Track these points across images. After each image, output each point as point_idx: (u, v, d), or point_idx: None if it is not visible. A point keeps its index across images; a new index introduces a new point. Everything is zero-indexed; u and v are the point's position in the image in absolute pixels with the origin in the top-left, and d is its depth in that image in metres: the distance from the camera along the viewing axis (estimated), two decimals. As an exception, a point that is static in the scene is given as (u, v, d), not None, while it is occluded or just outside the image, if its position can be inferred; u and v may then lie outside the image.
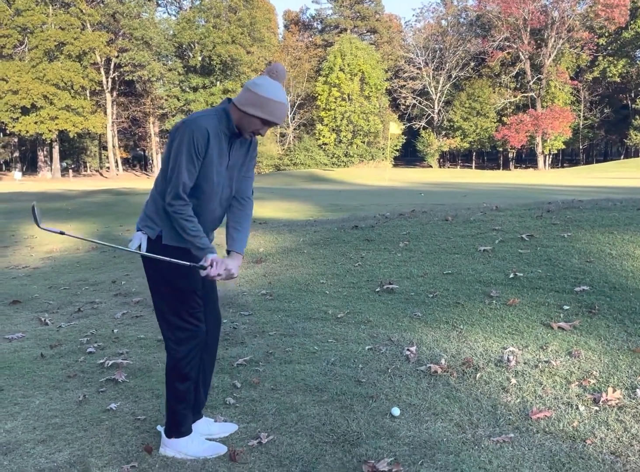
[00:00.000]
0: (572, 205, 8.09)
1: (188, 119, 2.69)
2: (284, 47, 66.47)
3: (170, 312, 2.86)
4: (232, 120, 2.75)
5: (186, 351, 2.87)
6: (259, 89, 2.69)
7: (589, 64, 60.71)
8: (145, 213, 2.84)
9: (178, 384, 2.90)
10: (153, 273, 2.84)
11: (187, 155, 2.65)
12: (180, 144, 2.65)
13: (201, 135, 2.65)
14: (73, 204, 17.34)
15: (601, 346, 4.01)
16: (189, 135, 2.64)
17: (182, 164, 2.65)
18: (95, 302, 6.14)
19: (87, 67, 53.94)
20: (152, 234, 2.78)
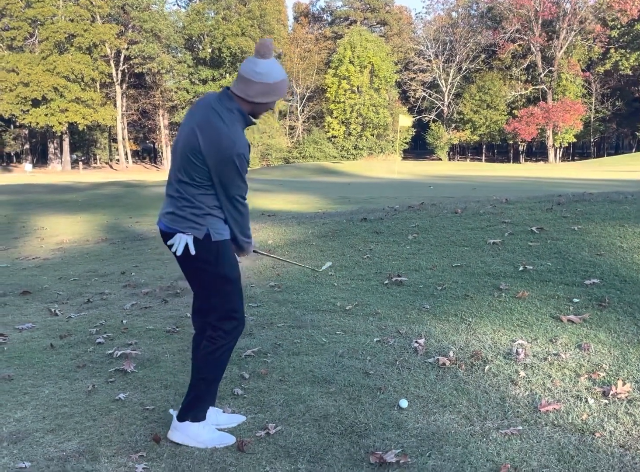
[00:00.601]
0: (583, 198, 8.03)
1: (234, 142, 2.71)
2: (293, 39, 66.25)
3: (229, 301, 2.94)
4: (249, 118, 2.84)
5: (231, 338, 2.97)
6: (265, 78, 2.72)
7: (601, 56, 60.15)
8: (179, 215, 2.84)
9: (216, 369, 2.98)
10: (208, 269, 2.89)
11: (244, 172, 2.80)
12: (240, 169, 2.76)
13: (248, 153, 2.80)
14: (83, 196, 17.41)
15: (611, 339, 3.99)
16: (245, 160, 2.76)
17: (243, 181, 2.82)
18: (104, 293, 6.17)
19: (97, 59, 54.05)
20: (199, 234, 2.83)
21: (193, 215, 2.82)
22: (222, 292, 2.93)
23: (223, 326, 2.94)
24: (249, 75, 2.73)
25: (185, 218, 2.84)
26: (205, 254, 2.86)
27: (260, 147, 57.47)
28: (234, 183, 2.79)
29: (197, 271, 2.92)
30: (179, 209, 2.85)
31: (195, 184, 2.79)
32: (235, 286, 2.96)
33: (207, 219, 2.84)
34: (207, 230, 2.83)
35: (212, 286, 2.93)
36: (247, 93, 2.75)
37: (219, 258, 2.88)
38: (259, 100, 2.77)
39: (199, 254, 2.85)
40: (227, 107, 2.78)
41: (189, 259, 2.88)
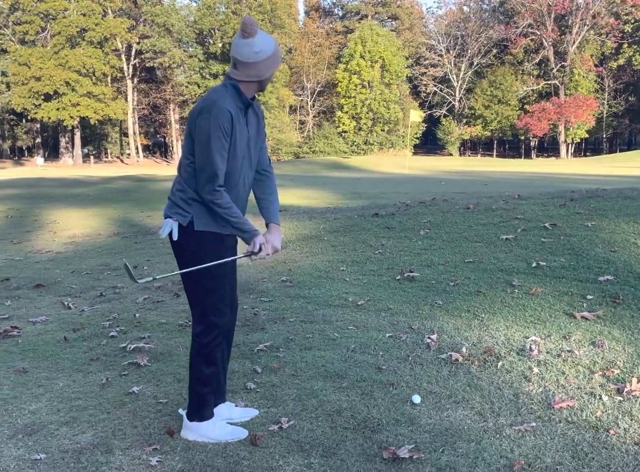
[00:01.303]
0: (596, 194, 7.98)
1: (208, 103, 2.69)
2: (304, 34, 66.07)
3: (203, 297, 2.88)
4: (244, 94, 2.79)
5: (215, 335, 2.90)
6: (265, 52, 2.74)
7: (614, 51, 59.60)
8: (172, 200, 2.86)
9: (205, 368, 2.93)
10: (189, 258, 2.85)
11: (216, 140, 2.67)
12: (208, 130, 2.66)
13: (225, 118, 2.68)
14: (94, 190, 17.48)
15: (625, 336, 3.97)
16: (214, 120, 2.66)
17: (214, 151, 2.68)
18: (117, 287, 6.20)
19: (109, 53, 54.17)
20: (183, 221, 2.80)
21: (181, 201, 2.81)
22: (202, 286, 2.86)
23: (202, 323, 2.89)
24: (253, 59, 2.72)
25: (175, 204, 2.83)
26: (188, 242, 2.82)
27: (271, 142, 57.41)
28: (203, 140, 2.67)
29: (181, 260, 2.88)
30: (172, 193, 2.86)
31: (186, 165, 2.79)
32: (217, 282, 2.87)
33: (193, 205, 2.79)
34: (191, 218, 2.79)
35: (192, 278, 2.87)
36: (255, 74, 2.76)
37: (201, 249, 2.82)
38: (268, 74, 2.79)
39: (181, 241, 2.82)
40: (222, 85, 2.79)
41: (175, 247, 2.87)
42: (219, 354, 2.97)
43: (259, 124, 2.98)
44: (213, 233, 2.83)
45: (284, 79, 58.93)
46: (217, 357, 2.95)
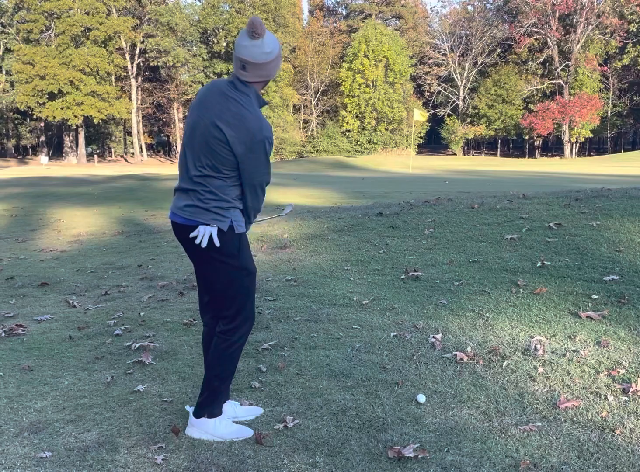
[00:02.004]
0: (601, 194, 7.96)
1: (261, 127, 2.74)
2: (308, 33, 66.08)
3: (239, 295, 2.93)
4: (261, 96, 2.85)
5: (244, 332, 2.98)
6: (274, 53, 2.77)
7: (618, 50, 59.44)
8: (202, 208, 2.83)
9: (229, 365, 2.98)
10: (230, 260, 2.89)
11: (268, 158, 2.85)
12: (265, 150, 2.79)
13: (272, 137, 2.84)
14: (99, 189, 17.51)
15: (631, 336, 3.96)
16: (270, 144, 2.81)
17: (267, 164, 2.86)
18: (121, 286, 6.21)
19: (113, 52, 54.27)
20: (224, 226, 2.84)
21: (218, 208, 2.83)
22: (242, 285, 2.93)
23: (236, 321, 2.94)
24: (263, 59, 2.73)
25: (209, 210, 2.82)
26: (229, 246, 2.87)
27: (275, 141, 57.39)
28: (261, 169, 2.83)
29: (218, 264, 2.89)
30: (201, 201, 2.82)
31: (221, 176, 2.79)
32: (253, 279, 2.99)
33: (231, 211, 2.86)
34: (230, 222, 2.85)
35: (233, 279, 2.92)
36: (264, 75, 2.79)
37: (241, 250, 2.91)
38: (275, 74, 2.85)
39: (222, 246, 2.85)
40: (242, 92, 2.78)
41: (211, 252, 2.86)
42: (242, 351, 3.05)
43: None
44: (244, 234, 2.96)
45: (287, 78, 58.95)
46: (240, 354, 3.03)
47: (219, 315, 3.00)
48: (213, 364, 2.97)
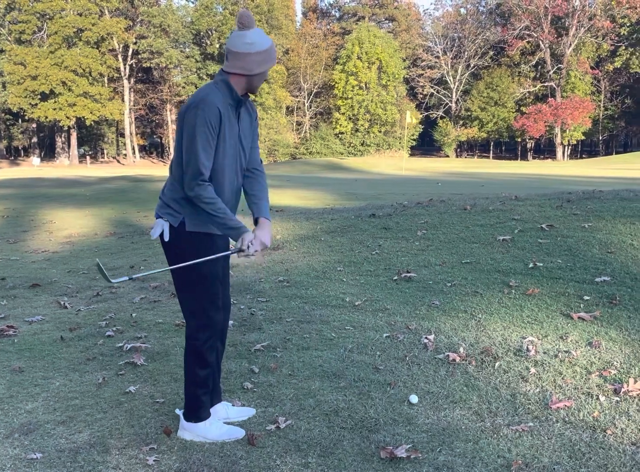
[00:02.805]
0: (593, 196, 7.99)
1: (196, 100, 2.67)
2: (301, 35, 66.12)
3: (194, 299, 2.85)
4: (235, 90, 2.75)
5: (207, 336, 2.89)
6: (258, 46, 2.69)
7: (610, 54, 59.75)
8: (163, 201, 2.84)
9: (198, 370, 2.92)
10: (178, 260, 2.83)
11: (202, 136, 2.64)
12: (194, 126, 2.63)
13: (213, 114, 2.65)
14: (91, 190, 17.45)
15: (622, 336, 3.97)
16: (201, 116, 2.63)
17: (198, 146, 2.64)
18: (113, 287, 6.18)
19: (105, 53, 54.12)
20: (174, 221, 2.78)
21: (172, 201, 2.78)
22: (193, 288, 2.83)
23: (193, 324, 2.88)
24: (242, 49, 2.68)
25: (166, 204, 2.81)
26: (179, 243, 2.80)
27: (267, 142, 57.42)
28: (189, 135, 2.64)
29: (171, 262, 2.86)
30: (163, 193, 2.84)
31: (177, 163, 2.76)
32: (209, 283, 2.85)
33: (185, 205, 2.76)
34: (182, 219, 2.77)
35: (182, 280, 2.85)
36: (245, 67, 2.71)
37: (193, 250, 2.79)
38: (258, 71, 2.73)
39: (171, 242, 2.80)
40: (213, 81, 2.77)
41: (166, 248, 2.85)
42: (213, 356, 2.95)
43: (252, 124, 2.95)
44: (205, 234, 2.81)
45: (280, 80, 58.97)
46: (211, 358, 2.93)
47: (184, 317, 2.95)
48: (185, 368, 2.95)
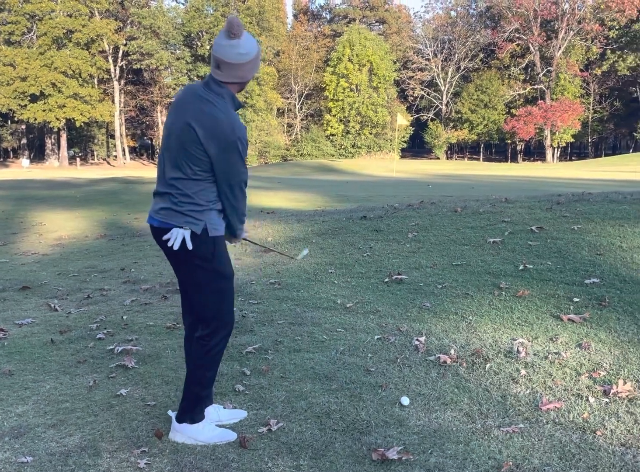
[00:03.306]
0: (582, 198, 8.05)
1: (233, 125, 2.73)
2: (292, 37, 66.15)
3: (215, 299, 2.90)
4: (237, 99, 2.84)
5: (222, 337, 2.95)
6: (250, 55, 2.76)
7: (599, 57, 60.17)
8: (176, 211, 2.82)
9: (207, 371, 2.95)
10: (204, 264, 2.86)
11: (244, 159, 2.83)
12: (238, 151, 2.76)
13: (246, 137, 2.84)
14: (81, 192, 17.37)
15: (611, 338, 4.00)
16: (246, 140, 2.80)
17: (244, 163, 2.84)
18: (104, 289, 6.16)
19: (95, 55, 53.89)
20: (197, 229, 2.81)
21: (192, 211, 2.80)
22: (217, 290, 2.91)
23: (214, 325, 2.91)
24: (236, 60, 2.72)
25: (182, 213, 2.81)
26: (203, 249, 2.84)
27: (258, 144, 57.40)
28: (237, 169, 2.80)
29: (192, 267, 2.88)
30: (175, 204, 2.82)
31: (196, 178, 2.77)
32: (229, 283, 2.95)
33: (205, 213, 2.82)
34: (204, 225, 2.81)
35: (207, 283, 2.89)
36: (239, 76, 2.77)
37: (215, 254, 2.87)
38: (251, 76, 2.83)
39: (196, 249, 2.83)
40: (217, 94, 2.78)
41: (185, 255, 2.85)
42: (221, 356, 3.01)
43: None
44: (221, 237, 2.91)
45: (272, 82, 58.95)
46: (220, 359, 3.00)
47: (198, 319, 2.97)
48: (193, 369, 2.96)
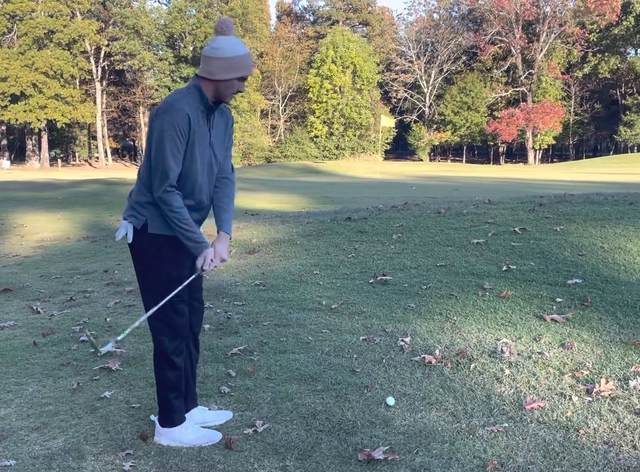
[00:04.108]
0: (564, 199, 8.13)
1: (165, 105, 2.66)
2: (275, 38, 66.12)
3: (156, 302, 2.80)
4: (206, 95, 2.73)
5: (170, 339, 2.87)
6: (223, 52, 2.66)
7: (580, 60, 60.84)
8: (129, 203, 2.84)
9: (168, 373, 2.91)
10: (144, 261, 2.83)
11: (170, 141, 2.63)
12: (162, 131, 2.63)
13: (182, 119, 2.64)
14: (63, 193, 17.22)
15: (594, 338, 4.05)
16: (169, 121, 2.63)
17: (167, 151, 2.64)
18: (87, 291, 6.11)
19: (77, 55, 53.50)
20: (137, 224, 2.77)
21: (137, 204, 2.79)
22: (159, 291, 2.79)
23: (159, 326, 2.86)
24: (208, 53, 2.69)
25: (131, 206, 2.81)
26: (142, 245, 2.79)
27: (242, 146, 57.29)
28: (156, 140, 2.64)
29: (137, 263, 2.86)
30: (130, 196, 2.85)
31: (145, 167, 2.76)
32: (172, 288, 2.79)
33: (149, 208, 2.75)
34: (145, 221, 2.76)
35: (148, 282, 2.84)
36: (208, 71, 2.70)
37: (158, 252, 2.78)
38: (221, 77, 2.68)
39: (136, 244, 2.80)
40: (186, 86, 2.77)
41: (131, 250, 2.85)
42: (181, 358, 2.93)
43: (227, 131, 2.94)
44: (169, 237, 2.78)
45: (255, 83, 58.87)
46: (178, 361, 2.91)
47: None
48: (155, 372, 2.95)
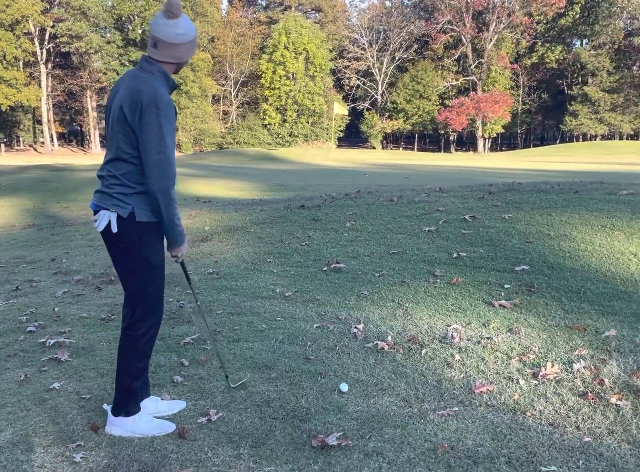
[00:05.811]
0: (512, 188, 8.31)
1: (151, 96, 2.65)
2: (227, 23, 65.17)
3: (142, 288, 2.86)
4: (171, 79, 2.82)
5: (149, 326, 2.91)
6: (188, 36, 2.77)
7: (528, 49, 62.04)
8: (106, 193, 2.79)
9: (137, 362, 2.91)
10: (127, 249, 2.82)
11: (169, 135, 2.70)
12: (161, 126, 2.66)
13: (173, 111, 2.75)
14: (7, 179, 16.69)
15: (540, 323, 4.17)
16: (165, 115, 2.68)
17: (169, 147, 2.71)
18: (34, 281, 5.96)
19: (20, 36, 51.63)
20: (123, 212, 2.76)
21: (120, 194, 2.77)
22: (144, 277, 2.86)
23: (137, 313, 2.88)
24: (174, 40, 2.73)
25: (111, 196, 2.78)
26: (129, 233, 2.79)
27: (193, 131, 56.51)
28: (154, 143, 2.67)
29: (120, 252, 2.85)
30: (107, 187, 2.80)
31: (124, 158, 2.74)
32: (157, 272, 2.90)
33: (134, 197, 2.77)
34: (132, 209, 2.77)
35: (134, 269, 2.86)
36: (177, 56, 2.78)
37: (142, 239, 2.81)
38: (187, 58, 2.83)
39: (122, 234, 2.79)
40: (148, 71, 2.76)
41: (113, 239, 2.83)
42: (152, 346, 2.97)
43: None
44: (151, 223, 2.82)
45: (206, 68, 58.01)
46: (150, 350, 2.95)
47: (126, 306, 2.93)
48: (122, 361, 2.92)
